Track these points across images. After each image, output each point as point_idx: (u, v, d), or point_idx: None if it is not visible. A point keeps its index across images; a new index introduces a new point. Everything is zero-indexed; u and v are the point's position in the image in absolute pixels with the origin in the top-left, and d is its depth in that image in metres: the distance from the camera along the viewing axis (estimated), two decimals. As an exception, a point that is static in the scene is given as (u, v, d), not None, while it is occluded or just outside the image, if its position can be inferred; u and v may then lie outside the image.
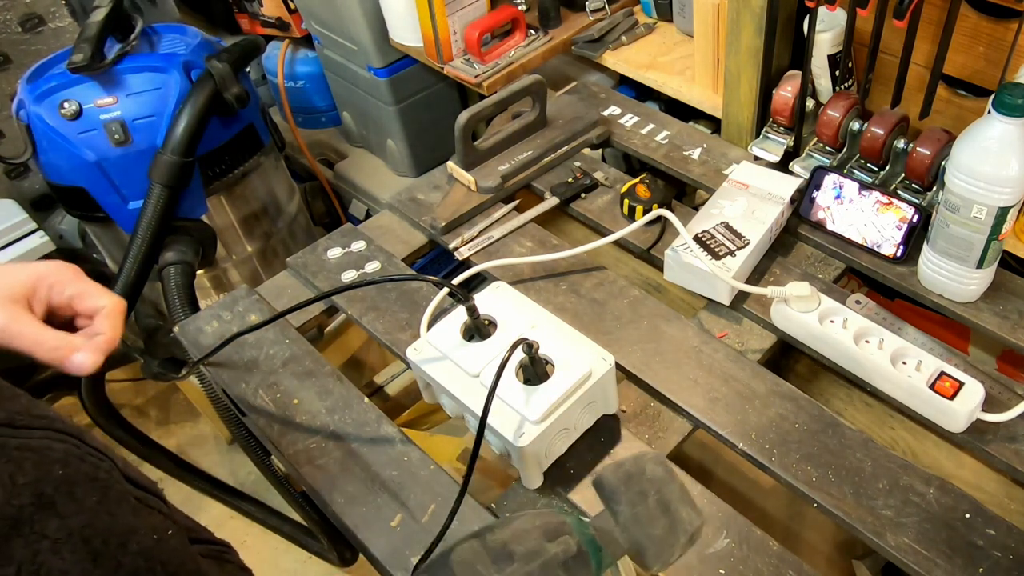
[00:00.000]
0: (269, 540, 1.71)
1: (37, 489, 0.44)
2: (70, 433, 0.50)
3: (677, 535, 0.51)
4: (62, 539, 0.44)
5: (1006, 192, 0.82)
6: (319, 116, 2.01)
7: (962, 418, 0.80)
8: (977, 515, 0.75)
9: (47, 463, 0.46)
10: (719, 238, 0.98)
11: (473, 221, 1.12)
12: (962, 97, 1.00)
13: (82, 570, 0.44)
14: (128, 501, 0.51)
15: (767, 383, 0.88)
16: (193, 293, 1.39)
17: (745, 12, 1.05)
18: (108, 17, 1.33)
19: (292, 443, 0.88)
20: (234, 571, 0.66)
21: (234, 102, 1.37)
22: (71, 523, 0.45)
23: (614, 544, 0.51)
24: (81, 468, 0.48)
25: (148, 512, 0.53)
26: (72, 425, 0.51)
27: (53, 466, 0.46)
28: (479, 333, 0.83)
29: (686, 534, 0.52)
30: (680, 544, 0.51)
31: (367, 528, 0.80)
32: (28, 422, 0.48)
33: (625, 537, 0.51)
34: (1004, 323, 0.91)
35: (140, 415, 2.07)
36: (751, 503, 0.95)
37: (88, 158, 1.34)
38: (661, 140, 1.21)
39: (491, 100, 1.11)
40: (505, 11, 1.43)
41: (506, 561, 0.48)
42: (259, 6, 1.89)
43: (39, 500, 0.44)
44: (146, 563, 0.48)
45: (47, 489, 0.45)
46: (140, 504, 0.53)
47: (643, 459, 0.54)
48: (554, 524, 0.50)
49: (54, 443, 0.48)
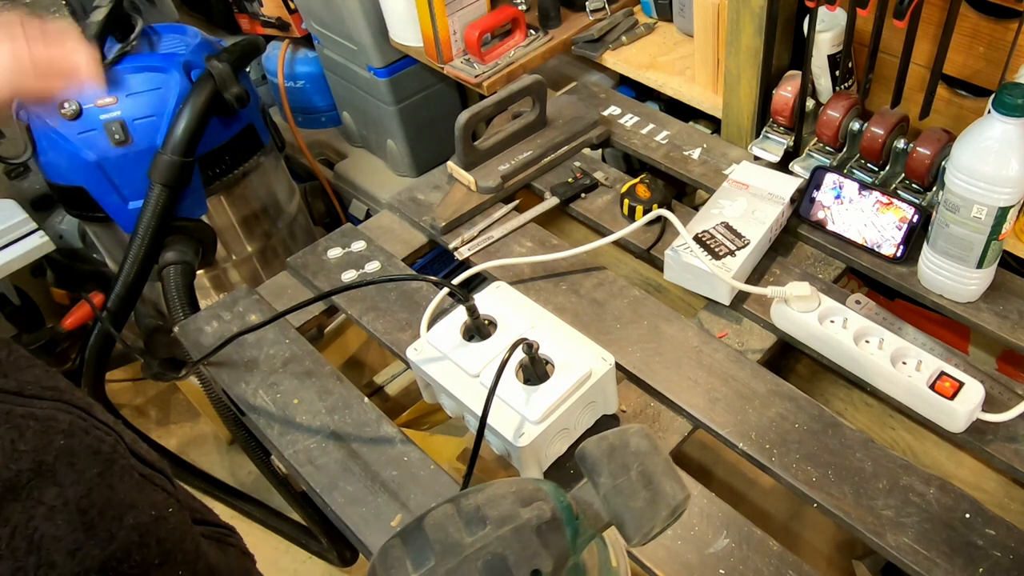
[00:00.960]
0: (269, 540, 1.71)
1: (37, 456, 0.45)
2: (78, 406, 0.50)
3: (659, 508, 0.51)
4: (58, 507, 0.45)
5: (1006, 192, 0.82)
6: (319, 116, 2.01)
7: (962, 418, 0.80)
8: (977, 515, 0.75)
9: (50, 432, 0.47)
10: (719, 238, 0.98)
11: (473, 221, 1.12)
12: (962, 97, 1.00)
13: (75, 539, 0.45)
14: (131, 476, 0.51)
15: (767, 383, 0.88)
16: (193, 293, 1.39)
17: (745, 12, 1.05)
18: (108, 17, 1.32)
19: (292, 443, 0.88)
20: (235, 555, 0.66)
21: (234, 102, 1.37)
22: (68, 492, 0.46)
23: (593, 515, 0.51)
24: (85, 440, 0.49)
25: (152, 489, 0.54)
26: (82, 398, 0.52)
27: (56, 436, 0.47)
28: (479, 333, 0.83)
29: (668, 508, 0.51)
30: (662, 517, 0.50)
31: (367, 528, 0.80)
32: (37, 392, 0.49)
33: (606, 509, 0.51)
34: (1004, 323, 0.91)
35: (140, 415, 2.07)
36: (751, 503, 0.95)
37: (88, 158, 1.34)
38: (661, 140, 1.21)
39: (491, 100, 1.11)
40: (505, 11, 1.43)
41: (478, 524, 0.48)
42: (259, 6, 1.89)
43: (39, 467, 0.45)
44: (140, 538, 0.49)
45: (47, 457, 0.46)
46: (144, 480, 0.53)
47: (627, 432, 0.53)
48: (529, 490, 0.50)
49: (60, 413, 0.48)
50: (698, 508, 0.78)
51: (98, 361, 1.47)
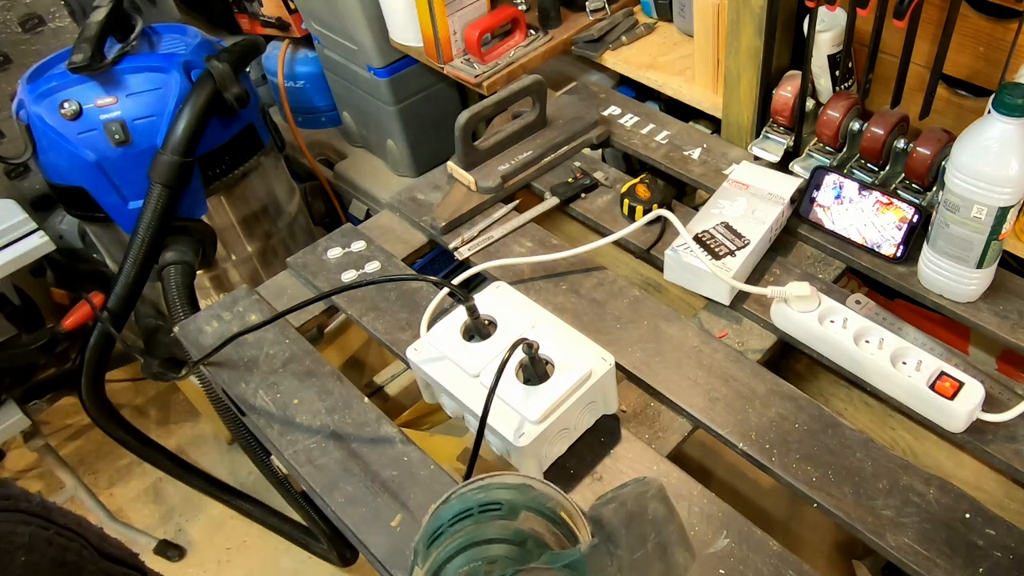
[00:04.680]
0: (269, 540, 1.71)
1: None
2: (36, 513, 0.48)
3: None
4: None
5: (1006, 192, 0.82)
6: (319, 116, 2.01)
7: (962, 418, 0.80)
8: (977, 515, 0.75)
9: (11, 550, 0.45)
10: (719, 238, 0.98)
11: (473, 221, 1.12)
12: (962, 97, 1.00)
13: None
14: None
15: (767, 383, 0.88)
16: (193, 293, 1.39)
17: (745, 12, 1.05)
18: (108, 17, 1.33)
19: (292, 443, 0.88)
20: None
21: (234, 102, 1.37)
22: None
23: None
24: (48, 552, 0.46)
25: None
26: (39, 502, 0.49)
27: (17, 552, 0.45)
28: (479, 333, 0.83)
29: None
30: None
31: (367, 528, 0.80)
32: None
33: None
34: (1004, 323, 0.91)
35: (140, 415, 2.07)
36: (751, 503, 0.95)
37: (88, 158, 1.34)
38: (661, 140, 1.21)
39: (491, 100, 1.11)
40: (505, 11, 1.43)
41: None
42: (259, 6, 1.89)
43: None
44: None
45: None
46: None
47: (645, 496, 0.54)
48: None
49: (19, 527, 0.46)
50: (698, 508, 0.78)
51: (98, 361, 1.47)
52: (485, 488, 0.59)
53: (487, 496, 0.58)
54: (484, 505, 0.57)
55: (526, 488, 0.60)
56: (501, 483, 0.60)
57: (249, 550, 1.76)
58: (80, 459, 1.99)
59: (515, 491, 0.59)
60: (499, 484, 0.59)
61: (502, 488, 0.59)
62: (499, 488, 0.59)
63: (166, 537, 1.79)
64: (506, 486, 0.59)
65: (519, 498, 0.58)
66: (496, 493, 0.58)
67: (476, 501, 0.57)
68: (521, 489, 0.59)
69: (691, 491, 0.80)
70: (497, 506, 0.57)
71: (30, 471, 1.97)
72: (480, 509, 0.57)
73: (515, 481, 0.61)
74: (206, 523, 1.83)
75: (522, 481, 0.61)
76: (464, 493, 0.59)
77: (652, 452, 0.83)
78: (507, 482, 0.60)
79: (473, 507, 0.57)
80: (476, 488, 0.59)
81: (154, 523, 1.85)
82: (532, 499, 0.59)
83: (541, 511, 0.59)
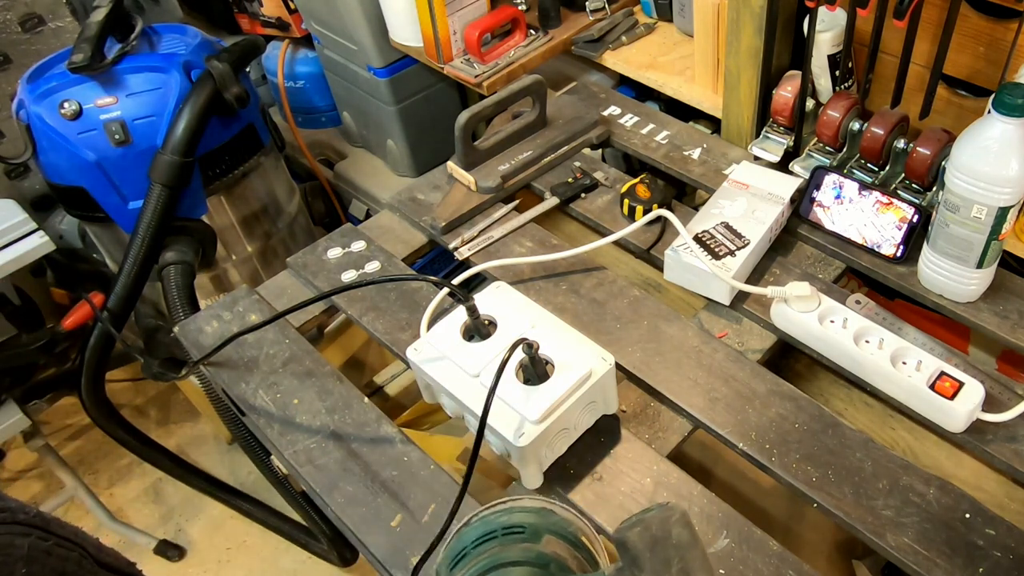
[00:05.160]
0: (269, 540, 1.71)
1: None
2: (34, 524, 0.48)
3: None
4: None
5: (1006, 192, 0.82)
6: (319, 116, 2.01)
7: (962, 418, 0.80)
8: (977, 515, 0.75)
9: (11, 562, 0.44)
10: (719, 238, 0.98)
11: (473, 221, 1.12)
12: (962, 97, 1.00)
13: None
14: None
15: (767, 383, 0.88)
16: (193, 293, 1.39)
17: (745, 12, 1.05)
18: (108, 17, 1.33)
19: (292, 443, 0.88)
20: None
21: (234, 102, 1.37)
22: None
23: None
24: (48, 563, 0.46)
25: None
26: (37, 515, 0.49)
27: (17, 564, 0.45)
28: (479, 333, 0.83)
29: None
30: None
31: (367, 528, 0.80)
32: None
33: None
34: (1004, 323, 0.91)
35: (140, 415, 2.07)
36: (751, 503, 0.95)
37: (88, 158, 1.34)
38: (661, 140, 1.21)
39: (491, 100, 1.11)
40: (505, 11, 1.43)
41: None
42: (259, 6, 1.89)
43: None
44: None
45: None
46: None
47: (669, 521, 0.54)
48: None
49: (17, 538, 0.46)
50: (698, 508, 0.78)
51: (98, 361, 1.47)
52: (508, 511, 0.59)
53: (510, 519, 0.59)
54: (507, 528, 0.58)
55: (547, 513, 0.61)
56: (523, 507, 0.60)
57: (249, 550, 1.76)
58: (80, 459, 1.99)
59: (536, 515, 0.60)
60: (521, 508, 0.60)
61: (524, 512, 0.60)
62: (521, 512, 0.60)
63: (166, 537, 1.79)
64: (527, 510, 0.60)
65: (541, 522, 0.59)
66: (519, 516, 0.59)
67: (499, 524, 0.59)
68: (542, 513, 0.61)
69: (691, 491, 0.80)
70: (520, 529, 0.57)
71: (30, 471, 1.97)
72: (504, 532, 0.57)
73: (536, 505, 0.62)
74: (206, 523, 1.83)
75: (542, 505, 0.62)
76: (487, 516, 0.59)
77: (652, 452, 0.83)
78: (528, 506, 0.61)
79: (497, 530, 0.58)
80: (499, 511, 0.60)
81: (154, 523, 1.85)
82: (554, 523, 0.61)
83: (563, 535, 0.59)
